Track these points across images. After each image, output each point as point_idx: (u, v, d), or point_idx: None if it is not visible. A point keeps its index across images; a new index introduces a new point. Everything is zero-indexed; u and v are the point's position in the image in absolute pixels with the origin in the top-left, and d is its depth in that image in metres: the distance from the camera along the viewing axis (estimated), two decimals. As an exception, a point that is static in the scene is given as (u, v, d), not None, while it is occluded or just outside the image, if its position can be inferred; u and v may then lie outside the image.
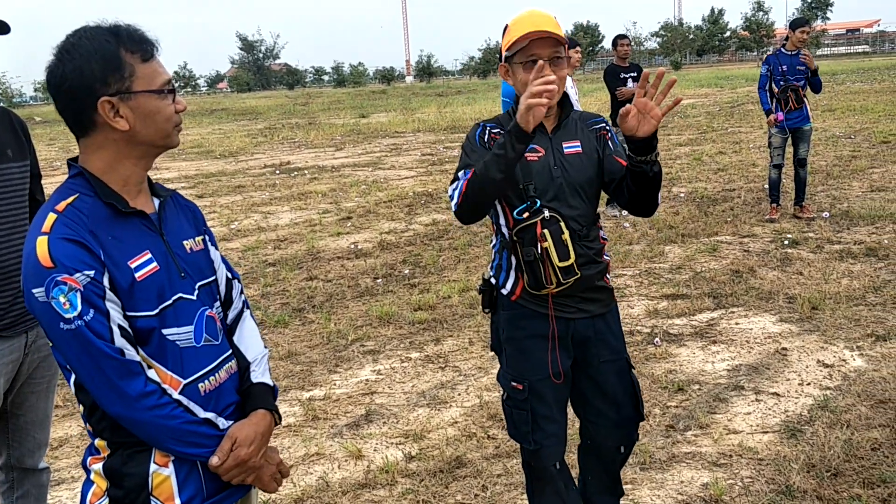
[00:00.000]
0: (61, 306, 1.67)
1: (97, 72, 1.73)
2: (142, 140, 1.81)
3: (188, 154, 20.17)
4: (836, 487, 3.54)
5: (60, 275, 1.67)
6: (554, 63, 2.52)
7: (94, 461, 1.86)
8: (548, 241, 2.56)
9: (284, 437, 4.40)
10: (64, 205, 1.74)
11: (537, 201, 2.59)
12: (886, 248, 7.34)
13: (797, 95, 8.64)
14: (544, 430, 2.75)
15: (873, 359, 4.95)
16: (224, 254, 2.16)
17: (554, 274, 2.59)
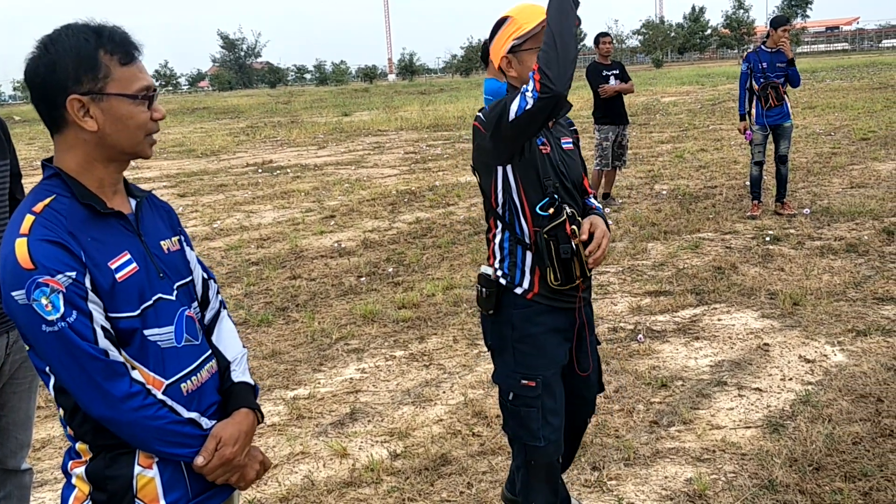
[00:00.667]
0: (43, 308, 1.64)
1: (71, 69, 1.71)
2: (110, 144, 1.78)
3: (170, 153, 20.06)
4: (818, 481, 3.58)
5: (42, 276, 1.65)
6: None
7: (75, 465, 1.83)
8: (577, 237, 2.62)
9: (269, 436, 4.39)
10: (41, 206, 1.72)
11: (556, 196, 2.63)
12: (866, 244, 7.41)
13: (777, 92, 8.64)
14: (552, 425, 2.77)
15: (854, 354, 5.00)
16: (207, 253, 2.15)
17: (580, 268, 2.66)
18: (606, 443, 4.06)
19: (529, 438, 2.78)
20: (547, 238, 2.62)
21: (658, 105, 25.27)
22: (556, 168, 2.69)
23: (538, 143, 2.66)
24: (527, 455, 2.83)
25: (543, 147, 2.67)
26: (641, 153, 14.68)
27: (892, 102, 20.34)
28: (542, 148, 2.66)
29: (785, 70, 8.69)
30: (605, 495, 3.61)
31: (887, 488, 3.48)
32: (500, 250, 2.76)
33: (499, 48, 2.71)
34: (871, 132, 15.07)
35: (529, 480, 2.88)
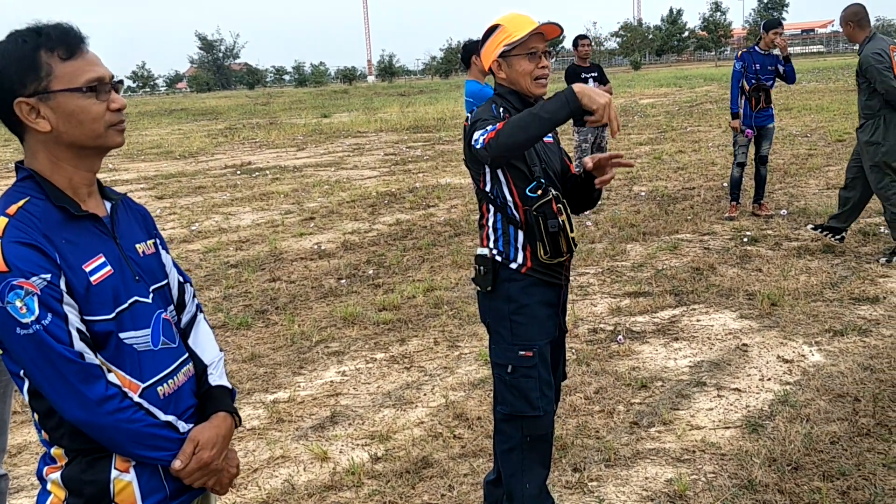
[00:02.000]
0: (18, 311, 1.62)
1: (13, 74, 1.70)
2: (68, 141, 1.76)
3: (147, 155, 19.91)
4: (796, 481, 3.60)
5: (16, 279, 1.62)
6: (547, 56, 2.87)
7: (50, 471, 1.81)
8: (563, 215, 2.83)
9: (249, 440, 4.36)
10: (14, 208, 1.70)
11: (542, 181, 2.83)
12: (842, 244, 7.48)
13: (767, 95, 8.71)
14: (547, 396, 2.92)
15: (831, 353, 5.04)
16: (185, 255, 2.14)
17: (568, 243, 2.86)
18: (587, 444, 4.06)
19: (528, 409, 2.89)
20: (536, 214, 2.81)
21: (636, 107, 25.41)
22: (541, 158, 2.89)
23: None
24: (524, 430, 2.92)
25: None
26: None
27: (866, 104, 20.53)
28: None
29: (774, 74, 8.74)
30: (585, 496, 3.61)
31: (865, 487, 3.52)
32: (494, 231, 2.93)
33: (490, 53, 2.92)
34: (847, 134, 15.21)
35: (524, 461, 2.96)
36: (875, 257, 7.06)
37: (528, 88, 2.85)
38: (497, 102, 2.91)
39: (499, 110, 2.86)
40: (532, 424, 2.91)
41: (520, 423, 2.92)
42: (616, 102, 23.31)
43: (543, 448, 2.99)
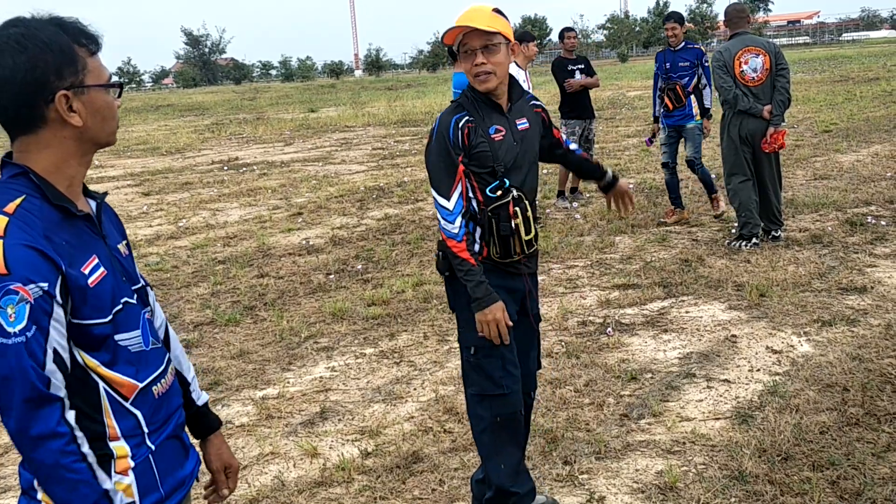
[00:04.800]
0: (6, 317, 1.55)
1: (52, 64, 1.64)
2: (90, 137, 1.73)
3: (133, 151, 19.80)
4: (786, 471, 3.61)
5: (13, 283, 1.56)
6: (487, 51, 2.89)
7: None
8: (518, 219, 2.94)
9: (238, 436, 4.34)
10: (13, 206, 1.62)
11: (506, 181, 2.94)
12: (830, 234, 7.51)
13: (676, 94, 8.31)
14: (512, 375, 3.02)
15: (820, 344, 5.05)
16: (172, 252, 2.13)
17: (521, 245, 2.98)
18: (577, 436, 4.06)
19: (493, 388, 3.00)
20: (490, 215, 2.95)
21: (624, 99, 25.43)
22: (511, 152, 2.97)
23: (490, 131, 2.95)
24: (493, 410, 3.03)
25: (496, 134, 2.96)
26: (608, 147, 14.76)
27: (852, 95, 20.65)
28: (495, 136, 2.96)
29: (690, 70, 8.38)
30: (576, 489, 3.61)
31: (854, 476, 3.53)
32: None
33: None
34: (833, 124, 15.28)
35: (496, 441, 3.05)
36: (863, 247, 7.09)
37: (474, 85, 2.95)
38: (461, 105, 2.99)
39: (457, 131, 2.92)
40: (499, 403, 3.01)
41: (489, 403, 3.02)
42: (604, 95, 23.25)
43: (514, 427, 3.08)
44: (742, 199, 7.30)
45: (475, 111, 2.97)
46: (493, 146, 2.94)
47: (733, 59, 7.15)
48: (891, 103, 18.21)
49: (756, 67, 7.08)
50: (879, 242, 7.22)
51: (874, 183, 9.75)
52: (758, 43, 7.15)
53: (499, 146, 2.95)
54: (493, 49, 2.89)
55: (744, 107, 7.13)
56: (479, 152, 2.93)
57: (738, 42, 7.22)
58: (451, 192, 2.94)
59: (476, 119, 2.95)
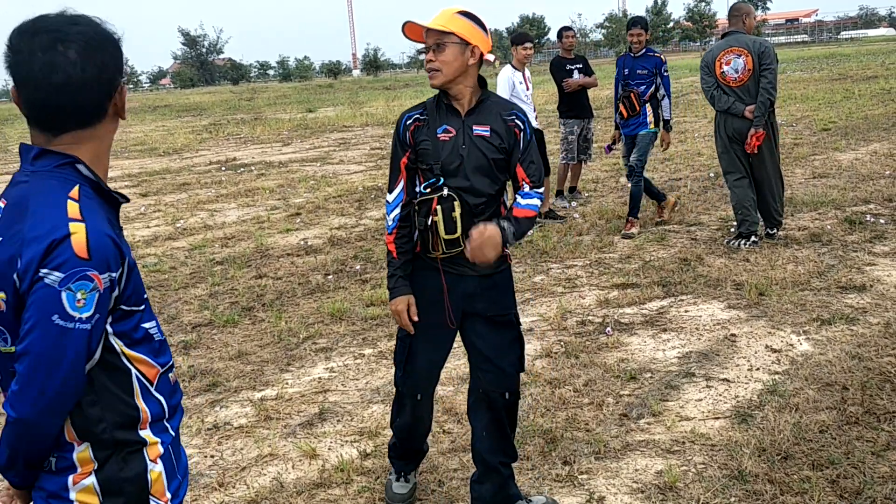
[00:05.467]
0: (73, 301, 1.58)
1: (119, 61, 1.73)
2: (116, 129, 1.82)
3: (131, 152, 19.77)
4: (786, 470, 3.60)
5: (91, 270, 1.59)
6: (437, 49, 2.98)
7: (78, 478, 1.74)
8: (438, 216, 3.02)
9: (236, 438, 4.33)
10: (76, 193, 1.66)
11: (440, 179, 3.04)
12: (829, 233, 7.50)
13: (630, 103, 8.05)
14: (413, 364, 3.30)
15: (819, 342, 5.05)
16: (171, 253, 2.14)
17: (440, 243, 3.05)
18: (577, 436, 4.05)
19: (396, 364, 3.38)
20: (415, 208, 3.11)
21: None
22: (455, 153, 3.04)
23: (438, 131, 3.07)
24: (395, 379, 3.45)
25: (444, 135, 3.07)
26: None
27: (851, 93, 20.66)
28: (442, 136, 3.07)
29: (648, 78, 8.07)
30: (576, 489, 3.60)
31: (854, 475, 3.52)
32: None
33: None
34: (832, 123, 15.29)
35: (396, 401, 3.50)
36: (862, 246, 7.08)
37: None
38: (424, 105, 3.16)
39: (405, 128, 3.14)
40: (397, 379, 3.43)
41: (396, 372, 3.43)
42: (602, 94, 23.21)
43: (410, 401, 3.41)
44: (739, 197, 7.30)
45: (434, 110, 3.11)
46: (435, 145, 3.05)
47: (715, 60, 7.23)
48: (889, 101, 18.21)
49: (738, 68, 7.10)
50: (878, 241, 7.22)
51: (873, 181, 9.74)
52: (741, 43, 7.15)
53: (442, 146, 3.05)
54: (442, 48, 2.97)
55: (721, 107, 7.19)
56: (421, 149, 3.08)
57: (724, 43, 7.29)
58: (395, 184, 3.17)
59: (429, 117, 3.09)
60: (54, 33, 1.65)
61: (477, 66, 3.06)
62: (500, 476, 3.31)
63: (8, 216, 1.67)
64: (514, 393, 3.32)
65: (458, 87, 3.04)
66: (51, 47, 1.63)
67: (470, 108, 3.08)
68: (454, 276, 3.15)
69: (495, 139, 3.06)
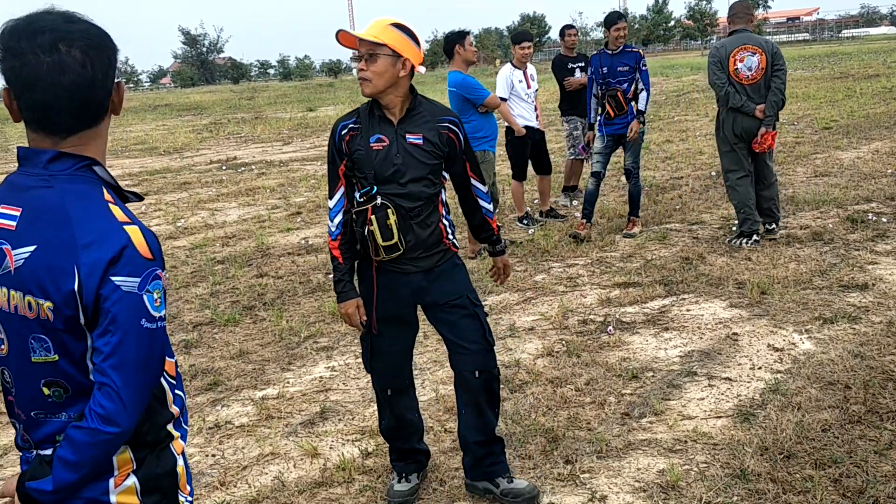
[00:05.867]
0: (153, 302, 1.60)
1: (115, 57, 1.72)
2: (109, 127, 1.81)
3: (132, 151, 19.77)
4: (788, 469, 3.59)
5: (158, 269, 1.61)
6: (370, 59, 3.10)
7: (119, 480, 1.73)
8: (374, 226, 3.17)
9: (238, 437, 4.33)
10: (108, 196, 1.66)
11: (374, 188, 3.17)
12: (831, 232, 7.49)
13: (617, 101, 7.74)
14: (378, 361, 3.46)
15: (821, 341, 5.04)
16: (171, 252, 2.14)
17: (379, 250, 3.21)
18: (579, 436, 4.05)
19: (364, 365, 3.53)
20: (353, 218, 3.27)
21: (623, 97, 25.36)
22: (388, 162, 3.16)
23: (371, 140, 3.18)
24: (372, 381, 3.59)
25: (377, 144, 3.18)
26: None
27: (852, 92, 20.63)
28: (375, 145, 3.18)
29: (629, 74, 7.80)
30: (578, 489, 3.59)
31: (856, 474, 3.51)
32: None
33: None
34: (833, 121, 15.27)
35: (378, 402, 3.64)
36: (864, 244, 7.07)
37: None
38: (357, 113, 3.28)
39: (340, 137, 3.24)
40: (371, 378, 3.57)
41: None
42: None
43: (384, 400, 3.55)
44: (741, 195, 7.29)
45: (367, 119, 3.22)
46: (369, 154, 3.16)
47: (729, 56, 7.14)
48: (891, 100, 18.19)
49: (751, 66, 7.07)
50: (880, 239, 7.21)
51: (875, 180, 9.73)
52: (755, 41, 7.13)
53: (375, 155, 3.16)
54: (374, 58, 3.09)
55: (735, 104, 7.13)
56: (356, 158, 3.19)
57: (737, 39, 7.20)
58: (335, 191, 3.30)
59: (363, 126, 3.21)
60: (55, 33, 1.61)
61: (408, 78, 3.17)
62: (475, 452, 3.53)
63: (35, 222, 1.62)
64: (484, 371, 3.43)
65: (389, 97, 3.16)
66: (54, 47, 1.60)
67: (401, 116, 3.21)
68: (399, 274, 3.31)
69: (428, 146, 3.21)
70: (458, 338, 3.41)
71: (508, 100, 8.20)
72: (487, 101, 7.40)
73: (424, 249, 3.29)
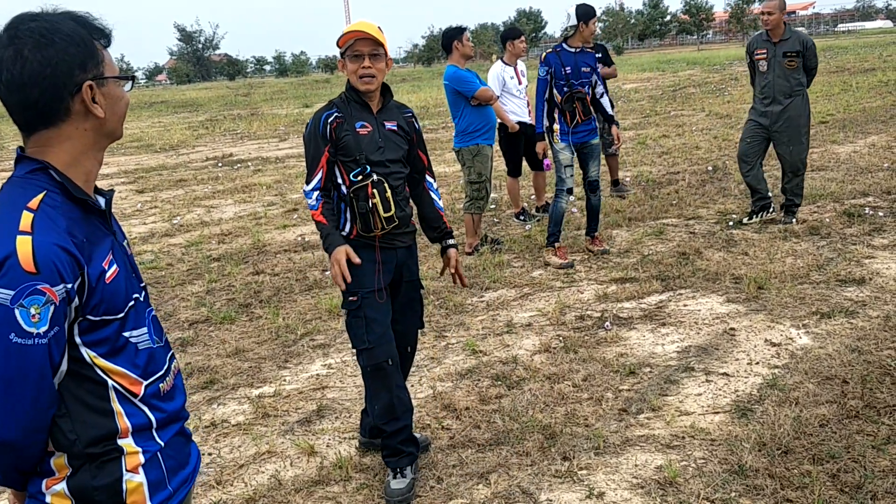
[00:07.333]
0: (27, 317, 1.53)
1: (77, 57, 1.66)
2: (107, 129, 1.75)
3: (127, 148, 19.71)
4: (786, 465, 3.59)
5: (42, 284, 1.53)
6: (374, 57, 3.43)
7: (51, 483, 1.72)
8: (376, 198, 3.48)
9: (234, 435, 4.31)
10: (36, 202, 1.60)
11: (367, 167, 3.48)
12: (828, 226, 7.48)
13: (584, 105, 6.90)
14: (375, 332, 3.56)
15: (819, 336, 5.03)
16: (167, 249, 2.10)
17: (380, 221, 3.50)
18: (576, 432, 4.04)
19: (359, 343, 3.58)
20: (351, 196, 3.50)
21: (620, 92, 25.38)
22: (374, 145, 3.50)
23: (357, 126, 3.50)
24: (363, 361, 3.62)
25: (362, 129, 3.50)
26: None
27: (848, 86, 20.63)
28: (361, 130, 3.50)
29: (590, 76, 7.01)
30: (575, 485, 3.58)
31: (854, 469, 3.50)
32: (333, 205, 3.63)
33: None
34: (830, 115, 15.26)
35: (369, 385, 3.66)
36: (861, 239, 7.06)
37: (357, 85, 3.48)
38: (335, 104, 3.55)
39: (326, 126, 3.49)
40: (367, 355, 3.58)
41: (360, 356, 3.62)
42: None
43: (382, 376, 3.59)
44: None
45: (346, 109, 3.53)
46: (357, 138, 3.48)
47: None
48: (887, 94, 18.19)
49: None
50: (877, 233, 7.20)
51: (871, 174, 9.73)
52: None
53: (362, 139, 3.49)
54: (378, 57, 3.45)
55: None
56: (344, 143, 3.47)
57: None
58: (313, 176, 3.53)
59: (345, 115, 3.51)
60: (11, 31, 1.64)
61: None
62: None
63: None
64: (413, 348, 3.99)
65: (377, 91, 3.55)
66: (5, 45, 1.63)
67: (379, 107, 3.59)
68: (388, 249, 3.62)
69: (401, 132, 3.62)
70: (405, 314, 3.80)
71: (500, 96, 8.17)
72: (478, 94, 7.37)
73: (406, 225, 3.64)
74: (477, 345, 5.24)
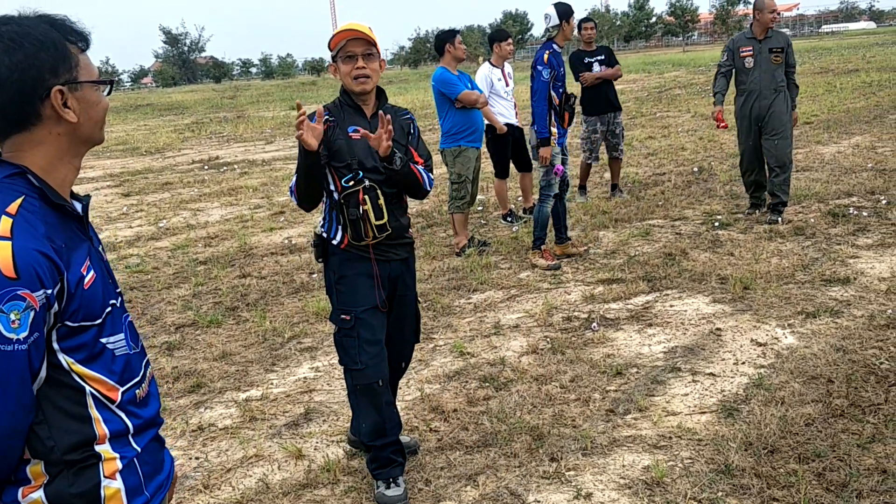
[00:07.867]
0: (8, 323, 1.51)
1: (47, 61, 1.63)
2: (83, 134, 1.73)
3: (113, 152, 19.61)
4: (773, 464, 3.60)
5: (22, 289, 1.52)
6: (368, 58, 3.36)
7: (28, 491, 1.69)
8: (367, 205, 3.36)
9: (221, 439, 4.29)
10: (14, 207, 1.59)
11: (360, 173, 3.37)
12: (813, 226, 7.53)
13: (572, 110, 6.90)
14: (368, 352, 3.46)
15: (804, 336, 5.06)
16: (153, 253, 2.09)
17: (371, 229, 3.38)
18: (563, 433, 4.04)
19: (351, 363, 3.49)
20: (342, 202, 3.39)
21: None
22: (368, 150, 3.36)
23: (349, 130, 3.39)
24: (352, 380, 3.54)
25: (355, 133, 3.37)
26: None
27: (832, 87, 20.77)
28: (353, 135, 3.38)
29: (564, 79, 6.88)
30: (563, 486, 3.59)
31: (840, 468, 3.52)
32: (324, 213, 3.53)
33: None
34: (814, 116, 15.36)
35: (358, 404, 3.58)
36: (845, 238, 7.11)
37: (351, 87, 3.40)
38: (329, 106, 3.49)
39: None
40: (357, 375, 3.49)
41: (349, 374, 3.54)
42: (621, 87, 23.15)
43: (372, 395, 3.51)
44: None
45: (339, 113, 3.45)
46: (349, 143, 3.38)
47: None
48: (870, 94, 18.32)
49: None
50: (861, 233, 7.25)
51: (855, 174, 9.79)
52: None
53: (355, 143, 3.38)
54: (371, 57, 3.37)
55: None
56: (336, 148, 3.37)
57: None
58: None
59: (337, 119, 3.42)
60: None
61: None
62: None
63: None
64: (407, 364, 3.92)
65: (371, 93, 3.45)
66: None
67: (374, 111, 3.47)
68: (383, 262, 3.49)
69: (398, 135, 3.46)
70: (401, 329, 3.70)
71: (488, 98, 8.17)
72: (461, 97, 7.39)
73: (401, 236, 3.52)
74: (464, 346, 5.24)
